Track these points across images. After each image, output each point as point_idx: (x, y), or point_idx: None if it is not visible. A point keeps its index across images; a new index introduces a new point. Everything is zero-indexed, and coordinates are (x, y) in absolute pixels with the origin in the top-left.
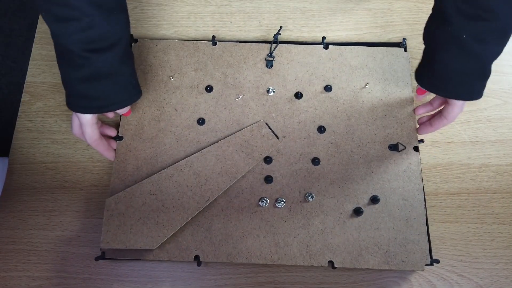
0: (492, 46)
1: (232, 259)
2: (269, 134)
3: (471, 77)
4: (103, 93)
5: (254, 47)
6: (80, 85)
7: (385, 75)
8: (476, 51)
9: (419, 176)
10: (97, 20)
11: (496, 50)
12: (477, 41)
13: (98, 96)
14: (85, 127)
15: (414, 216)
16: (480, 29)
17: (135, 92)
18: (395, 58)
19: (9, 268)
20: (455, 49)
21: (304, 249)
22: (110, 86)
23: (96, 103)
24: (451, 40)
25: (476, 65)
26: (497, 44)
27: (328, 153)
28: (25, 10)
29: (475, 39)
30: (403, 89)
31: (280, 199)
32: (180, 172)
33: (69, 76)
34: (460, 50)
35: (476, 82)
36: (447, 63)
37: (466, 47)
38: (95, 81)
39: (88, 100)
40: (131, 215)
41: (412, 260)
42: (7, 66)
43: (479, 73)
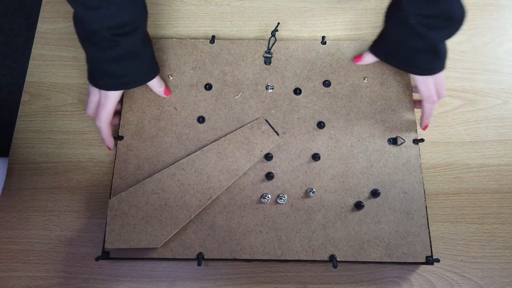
0: (439, 30)
1: (235, 256)
2: (269, 131)
3: (422, 54)
4: (128, 71)
5: (252, 44)
6: (107, 65)
7: (383, 69)
8: (423, 34)
9: (419, 169)
10: (122, 7)
11: (445, 34)
12: (423, 25)
13: (124, 74)
14: (108, 104)
15: (415, 208)
16: (425, 13)
17: (155, 70)
18: None
19: (9, 268)
20: (404, 30)
21: (307, 244)
22: (134, 65)
23: (121, 81)
24: (401, 23)
25: (425, 44)
26: (444, 28)
27: (328, 148)
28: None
29: (421, 24)
30: (401, 83)
31: (282, 195)
32: (182, 171)
33: (96, 56)
34: (409, 32)
35: (427, 58)
36: (397, 40)
37: (414, 30)
38: (122, 61)
39: (114, 78)
40: (135, 214)
41: (413, 252)
42: (7, 66)
43: (430, 51)
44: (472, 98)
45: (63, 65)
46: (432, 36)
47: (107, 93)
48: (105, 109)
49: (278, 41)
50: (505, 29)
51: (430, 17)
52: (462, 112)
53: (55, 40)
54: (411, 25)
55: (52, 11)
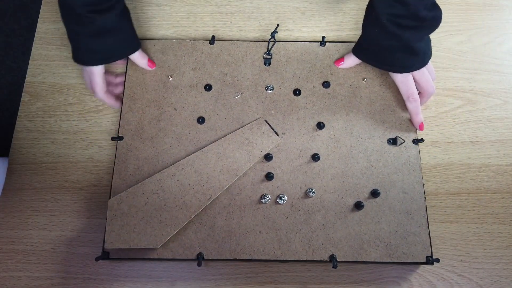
0: (410, 31)
1: (235, 256)
2: (269, 131)
3: (397, 52)
4: (106, 46)
5: (251, 45)
6: (87, 40)
7: (382, 70)
8: (396, 33)
9: (419, 169)
10: None
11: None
12: (395, 25)
13: (102, 49)
14: (95, 78)
15: (415, 208)
16: (396, 13)
17: (135, 44)
18: None
19: (9, 268)
20: (378, 30)
21: (307, 244)
22: (112, 40)
23: (101, 55)
24: (375, 22)
25: (399, 43)
26: (416, 29)
27: (328, 149)
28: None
29: (393, 23)
30: None
31: (282, 196)
32: (182, 171)
33: (76, 32)
34: (382, 31)
35: (403, 56)
36: (374, 40)
37: (388, 29)
38: (100, 36)
39: (94, 53)
40: (134, 214)
41: (414, 252)
42: (7, 66)
43: (405, 50)
44: (472, 98)
45: (63, 65)
46: (405, 36)
47: (91, 68)
48: (95, 84)
49: (278, 43)
50: (505, 29)
51: (401, 17)
52: (462, 112)
53: (55, 40)
54: (384, 24)
55: (52, 11)
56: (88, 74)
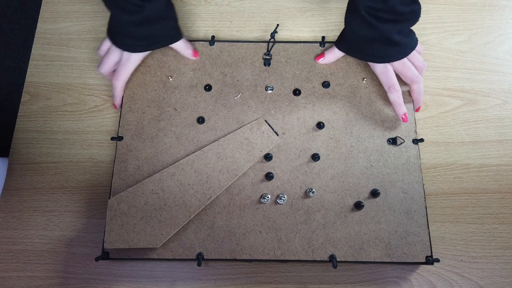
0: (389, 24)
1: (235, 256)
2: (268, 131)
3: (375, 43)
4: (152, 33)
5: (251, 46)
6: (132, 27)
7: None
8: (374, 24)
9: (418, 169)
10: None
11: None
12: (374, 17)
13: (145, 37)
14: (130, 65)
15: (414, 208)
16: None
17: (178, 35)
18: None
19: (9, 268)
20: (357, 21)
21: (306, 244)
22: (159, 27)
23: (145, 42)
24: (355, 14)
25: (378, 34)
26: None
27: (328, 149)
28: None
29: (371, 15)
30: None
31: (281, 195)
32: (182, 171)
33: (122, 19)
34: (362, 22)
35: (381, 47)
36: (354, 31)
37: (366, 20)
38: (147, 24)
39: (138, 40)
40: (134, 214)
41: (413, 252)
42: (7, 66)
43: (383, 41)
44: (472, 98)
45: (63, 65)
46: (382, 28)
47: (131, 54)
48: (125, 70)
49: (278, 44)
50: (505, 29)
51: (379, 11)
52: (462, 112)
53: (55, 40)
54: (363, 16)
55: (52, 11)
56: (122, 58)
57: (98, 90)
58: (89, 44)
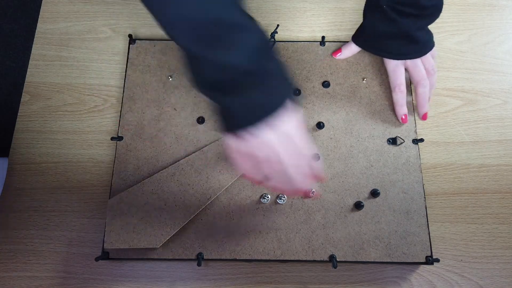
0: (411, 19)
1: (235, 256)
2: None
3: (396, 40)
4: None
5: None
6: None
7: (381, 70)
8: (396, 19)
9: (418, 169)
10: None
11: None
12: (396, 12)
13: None
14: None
15: (414, 208)
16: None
17: None
18: None
19: (9, 268)
20: (378, 15)
21: (306, 244)
22: None
23: None
24: (375, 8)
25: (398, 30)
26: (416, 16)
27: (328, 149)
28: (25, 10)
29: (394, 10)
30: None
31: (281, 196)
32: (182, 171)
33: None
34: (382, 17)
35: (402, 43)
36: (373, 25)
37: (387, 15)
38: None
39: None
40: (134, 214)
41: (413, 252)
42: (7, 66)
43: (404, 37)
44: (472, 98)
45: (63, 65)
46: (404, 23)
47: None
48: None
49: (278, 43)
50: (505, 29)
51: (401, 4)
52: (462, 112)
53: (55, 40)
54: (384, 10)
55: (52, 11)
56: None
57: (98, 90)
58: (89, 44)
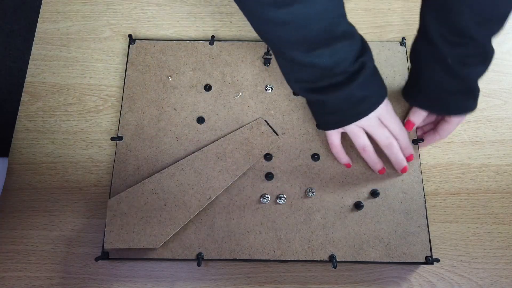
0: (475, 68)
1: (235, 256)
2: (268, 131)
3: (457, 95)
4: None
5: (251, 45)
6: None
7: (381, 70)
8: (460, 73)
9: (418, 169)
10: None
11: (480, 71)
12: (461, 64)
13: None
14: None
15: (414, 208)
16: (463, 53)
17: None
18: (391, 53)
19: (9, 268)
20: (440, 70)
21: (306, 244)
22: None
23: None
24: (436, 62)
25: (461, 85)
26: (481, 65)
27: (328, 149)
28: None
29: (459, 63)
30: (400, 84)
31: (281, 196)
32: (181, 171)
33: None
34: (445, 72)
35: (463, 99)
36: (433, 82)
37: (451, 69)
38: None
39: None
40: (134, 214)
41: (413, 252)
42: (7, 66)
43: (465, 92)
44: None
45: (63, 65)
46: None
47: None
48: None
49: None
50: (505, 29)
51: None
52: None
53: (55, 40)
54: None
55: (52, 11)
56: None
57: (98, 90)
58: (89, 44)
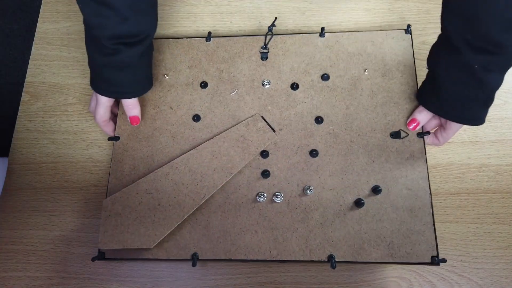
0: (497, 75)
1: (230, 256)
2: (265, 128)
3: (476, 103)
4: (122, 81)
5: (248, 40)
6: (105, 70)
7: (385, 60)
8: (485, 80)
9: (424, 164)
10: (131, 20)
11: (501, 79)
12: (486, 70)
13: (117, 83)
14: (99, 107)
15: (419, 206)
16: (489, 60)
17: (148, 85)
18: (395, 41)
19: (9, 268)
20: (465, 77)
21: (304, 244)
22: (129, 76)
23: (115, 89)
24: (461, 68)
25: (484, 93)
26: (502, 73)
27: (327, 144)
28: (25, 10)
29: (484, 69)
30: (404, 73)
31: (278, 194)
32: (176, 170)
33: (97, 60)
34: (470, 78)
35: (481, 108)
36: (454, 88)
37: (477, 76)
38: (119, 70)
39: (108, 85)
40: (128, 215)
41: (418, 251)
42: (7, 66)
43: (485, 100)
44: None
45: (63, 65)
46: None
47: (99, 97)
48: (97, 112)
49: (276, 36)
50: None
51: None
52: None
53: (55, 40)
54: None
55: (52, 11)
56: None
57: None
58: None
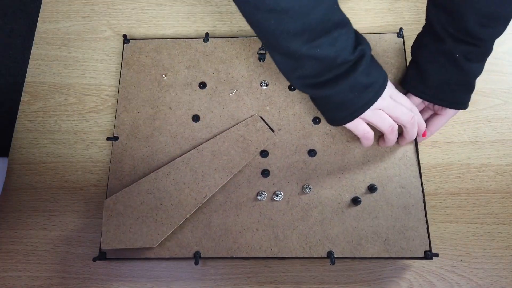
0: (477, 65)
1: (232, 254)
2: (264, 128)
3: (459, 87)
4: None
5: (246, 41)
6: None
7: (382, 59)
8: (466, 67)
9: (416, 163)
10: None
11: (480, 68)
12: (466, 59)
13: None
14: None
15: (412, 203)
16: (469, 50)
17: None
18: (388, 44)
19: (9, 268)
20: (448, 63)
21: (304, 241)
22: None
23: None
24: (444, 56)
25: (464, 79)
26: (481, 63)
27: (324, 144)
28: (25, 10)
29: (465, 58)
30: (397, 76)
31: (278, 192)
32: (177, 170)
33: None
34: (453, 65)
35: (463, 93)
36: (437, 74)
37: (458, 63)
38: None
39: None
40: (130, 214)
41: (412, 247)
42: (7, 66)
43: (466, 85)
44: (472, 98)
45: (63, 65)
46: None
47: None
48: None
49: None
50: None
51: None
52: (462, 112)
53: (55, 40)
54: (456, 59)
55: (52, 11)
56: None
57: (98, 90)
58: (89, 44)
